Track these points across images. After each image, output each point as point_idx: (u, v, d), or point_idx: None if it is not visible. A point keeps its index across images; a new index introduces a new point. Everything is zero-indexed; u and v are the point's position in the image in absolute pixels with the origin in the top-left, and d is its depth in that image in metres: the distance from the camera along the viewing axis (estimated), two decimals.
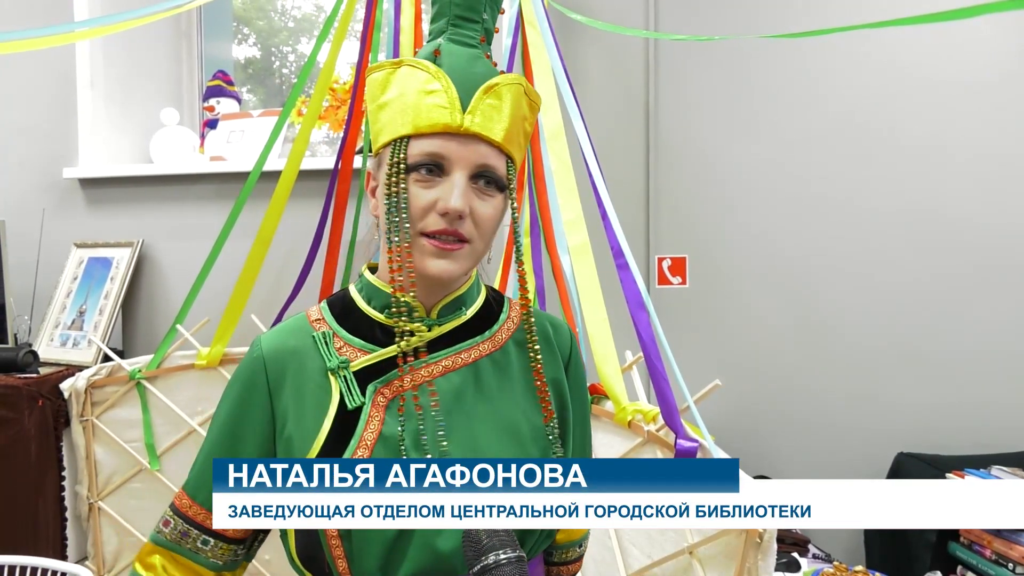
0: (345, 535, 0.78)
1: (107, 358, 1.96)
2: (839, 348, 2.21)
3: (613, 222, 1.50)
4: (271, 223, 1.86)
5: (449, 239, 0.80)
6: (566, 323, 0.98)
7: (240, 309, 1.88)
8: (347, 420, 0.81)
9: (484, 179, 0.82)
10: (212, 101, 2.48)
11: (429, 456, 0.80)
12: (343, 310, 0.89)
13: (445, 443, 0.81)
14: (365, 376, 0.84)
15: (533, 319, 0.89)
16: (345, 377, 0.83)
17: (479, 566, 0.67)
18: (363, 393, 0.82)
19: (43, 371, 2.04)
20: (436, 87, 0.81)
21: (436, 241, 0.80)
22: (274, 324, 1.89)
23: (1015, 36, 2.12)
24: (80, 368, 1.99)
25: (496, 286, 1.54)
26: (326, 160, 2.16)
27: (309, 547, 0.82)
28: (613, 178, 1.90)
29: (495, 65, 0.86)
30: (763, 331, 2.24)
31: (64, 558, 1.90)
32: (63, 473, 1.92)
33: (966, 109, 2.14)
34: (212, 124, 2.44)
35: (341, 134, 2.05)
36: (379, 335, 0.86)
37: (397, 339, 0.83)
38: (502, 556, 0.67)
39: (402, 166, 0.81)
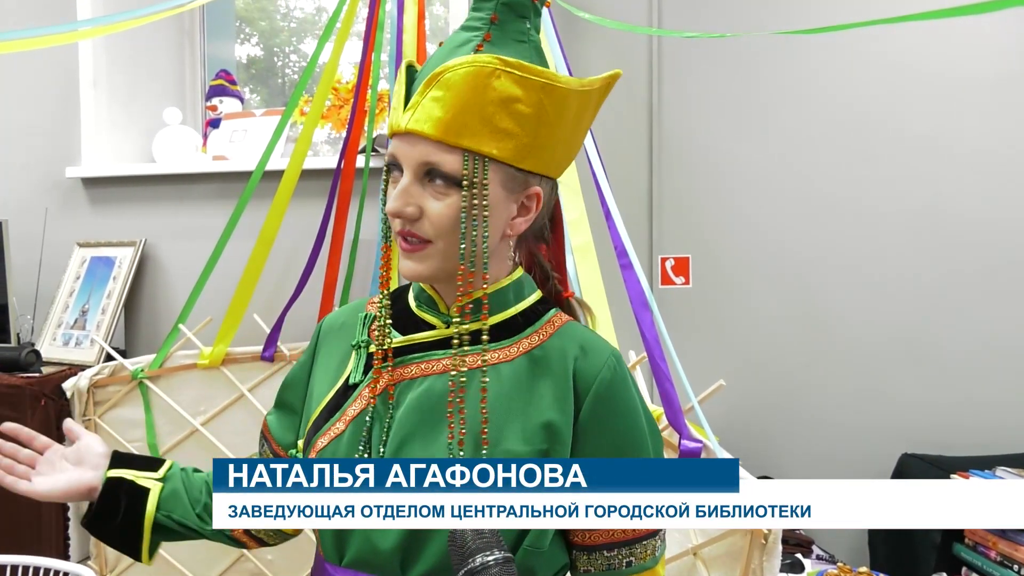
0: None
1: (109, 358, 1.96)
2: (843, 348, 2.20)
3: (616, 222, 1.50)
4: (274, 222, 1.86)
5: (412, 240, 0.80)
6: (607, 347, 0.85)
7: (243, 309, 1.88)
8: (348, 394, 0.86)
9: (435, 177, 0.78)
10: (215, 100, 2.48)
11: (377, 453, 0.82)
12: (396, 297, 0.92)
13: (386, 439, 0.82)
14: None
15: (485, 335, 0.82)
16: (360, 355, 0.88)
17: (465, 569, 0.66)
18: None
19: (46, 371, 2.05)
20: (398, 88, 0.82)
21: (402, 242, 0.81)
22: (276, 325, 1.92)
23: (1020, 34, 2.11)
24: (83, 368, 1.99)
25: None
26: (328, 160, 2.16)
27: None
28: (616, 178, 1.89)
29: (480, 48, 0.77)
30: (767, 331, 2.23)
31: (67, 558, 1.90)
32: None
33: (972, 107, 2.13)
34: (215, 123, 2.44)
35: (344, 134, 2.05)
36: (410, 325, 0.87)
37: (378, 330, 0.86)
38: (489, 558, 0.66)
39: (385, 170, 0.83)
